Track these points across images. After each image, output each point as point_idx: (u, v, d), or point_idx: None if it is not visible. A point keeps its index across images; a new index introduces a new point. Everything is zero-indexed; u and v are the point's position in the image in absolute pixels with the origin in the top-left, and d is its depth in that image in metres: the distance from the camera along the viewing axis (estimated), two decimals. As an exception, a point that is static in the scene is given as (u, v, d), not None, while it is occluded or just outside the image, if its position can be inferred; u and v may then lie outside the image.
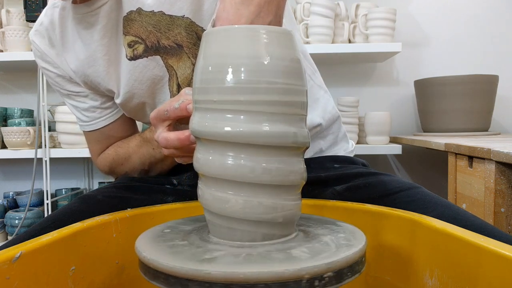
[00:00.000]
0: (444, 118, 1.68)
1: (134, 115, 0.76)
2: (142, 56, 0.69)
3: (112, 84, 0.71)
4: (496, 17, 1.94)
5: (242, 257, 0.33)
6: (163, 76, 0.70)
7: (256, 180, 0.35)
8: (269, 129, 0.34)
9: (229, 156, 0.35)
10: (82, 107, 0.76)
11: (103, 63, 0.70)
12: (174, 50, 0.68)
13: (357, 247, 0.34)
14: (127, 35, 0.68)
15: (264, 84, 0.34)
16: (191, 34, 0.67)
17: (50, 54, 0.73)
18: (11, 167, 2.07)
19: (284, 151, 0.35)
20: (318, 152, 0.79)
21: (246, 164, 0.34)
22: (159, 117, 0.50)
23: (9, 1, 1.95)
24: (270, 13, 0.47)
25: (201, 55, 0.37)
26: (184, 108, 0.47)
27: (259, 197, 0.35)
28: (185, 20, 0.66)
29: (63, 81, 0.75)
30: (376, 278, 0.50)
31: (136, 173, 0.76)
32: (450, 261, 0.39)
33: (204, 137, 0.36)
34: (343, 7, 1.76)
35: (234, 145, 0.35)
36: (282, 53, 0.36)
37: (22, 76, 2.01)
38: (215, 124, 0.35)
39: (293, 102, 0.36)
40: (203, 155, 0.37)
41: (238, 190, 0.35)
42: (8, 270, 0.34)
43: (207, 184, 0.37)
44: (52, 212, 0.63)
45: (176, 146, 0.47)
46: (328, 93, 0.83)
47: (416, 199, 0.59)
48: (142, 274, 0.35)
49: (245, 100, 0.34)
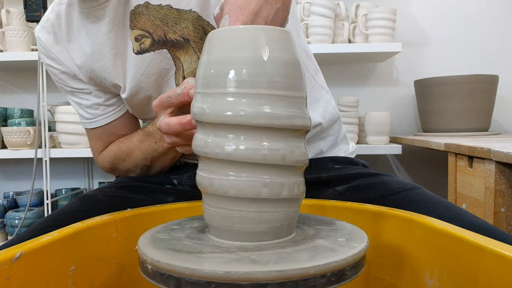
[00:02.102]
0: (444, 118, 1.68)
1: (139, 111, 0.76)
2: (149, 50, 0.69)
3: (118, 79, 0.71)
4: (496, 17, 1.94)
5: (242, 257, 0.33)
6: (169, 70, 0.70)
7: (258, 160, 0.35)
8: (270, 110, 0.34)
9: (229, 138, 0.35)
10: (86, 104, 0.76)
11: (110, 57, 0.70)
12: (181, 44, 0.68)
13: (359, 247, 0.34)
14: (134, 29, 0.69)
15: (265, 82, 0.35)
16: (198, 29, 0.67)
17: (55, 51, 0.73)
18: (11, 167, 2.07)
19: (285, 133, 0.36)
20: (318, 153, 0.79)
21: (247, 146, 0.35)
22: (162, 105, 0.50)
23: (9, 1, 1.95)
24: (279, 1, 0.47)
25: (204, 57, 0.38)
26: (187, 93, 0.47)
27: (263, 176, 0.35)
28: (192, 14, 0.66)
29: (67, 78, 0.75)
30: (376, 278, 0.50)
31: (138, 168, 0.76)
32: (450, 261, 0.39)
33: (205, 121, 0.36)
34: (343, 7, 1.76)
35: (234, 127, 0.35)
36: (281, 54, 0.36)
37: (22, 76, 2.02)
38: (216, 107, 0.35)
39: (294, 95, 0.36)
40: (203, 137, 0.37)
41: (239, 170, 0.35)
42: (8, 270, 0.34)
43: (207, 165, 0.37)
44: (52, 212, 0.63)
45: (177, 130, 0.48)
46: (330, 93, 0.83)
47: (417, 200, 0.59)
48: (142, 274, 0.35)
49: (246, 93, 0.35)
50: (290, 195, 0.36)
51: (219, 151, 0.35)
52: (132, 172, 0.77)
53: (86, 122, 0.78)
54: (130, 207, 0.55)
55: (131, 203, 0.62)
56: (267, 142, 0.35)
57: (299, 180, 0.37)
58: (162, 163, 0.75)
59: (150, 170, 0.77)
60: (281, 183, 0.36)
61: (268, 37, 0.36)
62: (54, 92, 1.85)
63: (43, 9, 1.62)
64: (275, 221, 0.36)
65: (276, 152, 0.35)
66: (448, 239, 0.39)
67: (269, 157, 0.35)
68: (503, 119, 1.94)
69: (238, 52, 0.36)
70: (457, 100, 1.64)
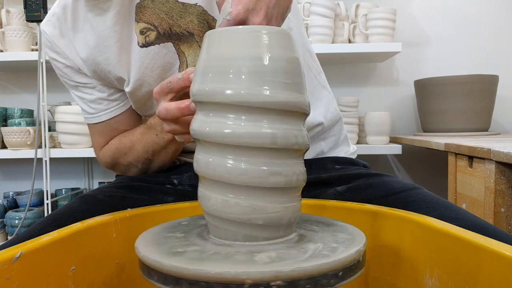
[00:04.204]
0: (444, 118, 1.68)
1: (141, 106, 0.76)
2: (154, 43, 0.69)
3: (123, 72, 0.71)
4: (496, 17, 1.94)
5: (242, 257, 0.33)
6: (173, 63, 0.70)
7: (258, 144, 0.35)
8: (269, 93, 0.35)
9: (229, 118, 0.35)
10: (89, 98, 0.76)
11: (114, 50, 0.70)
12: (185, 38, 0.69)
13: (356, 247, 0.34)
14: (140, 22, 0.69)
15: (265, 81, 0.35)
16: (203, 23, 0.68)
17: (60, 44, 0.73)
18: (11, 167, 2.07)
19: (285, 116, 0.36)
20: (319, 154, 0.79)
21: (246, 125, 0.35)
22: (162, 90, 0.50)
23: (9, 1, 1.95)
24: None
25: (203, 55, 0.38)
26: (187, 78, 0.47)
27: (260, 160, 0.35)
28: (198, 8, 0.67)
29: (71, 72, 0.75)
30: (376, 278, 0.50)
31: (140, 163, 0.75)
32: (450, 261, 0.39)
33: (205, 101, 0.36)
34: (343, 7, 1.76)
35: (234, 107, 0.35)
36: (281, 54, 0.36)
37: (22, 76, 2.02)
38: (216, 87, 0.35)
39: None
40: (202, 118, 0.37)
41: (237, 155, 0.35)
42: (8, 270, 0.34)
43: (206, 151, 0.37)
44: (52, 212, 0.63)
45: (175, 115, 0.47)
46: (332, 94, 0.84)
47: (417, 200, 0.59)
48: (142, 273, 0.35)
49: (246, 93, 0.35)
50: (288, 182, 0.36)
51: (218, 132, 0.35)
52: (133, 167, 0.77)
53: (89, 117, 0.78)
54: (130, 207, 0.55)
55: (131, 203, 0.62)
56: (266, 124, 0.35)
57: (299, 164, 0.37)
58: (163, 157, 0.75)
59: (151, 165, 0.76)
60: (279, 164, 0.35)
61: (268, 37, 0.36)
62: (54, 92, 1.86)
63: (43, 9, 1.62)
64: (273, 210, 0.36)
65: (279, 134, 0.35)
66: (448, 239, 0.39)
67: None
68: (503, 119, 1.94)
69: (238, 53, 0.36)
70: (457, 100, 1.64)
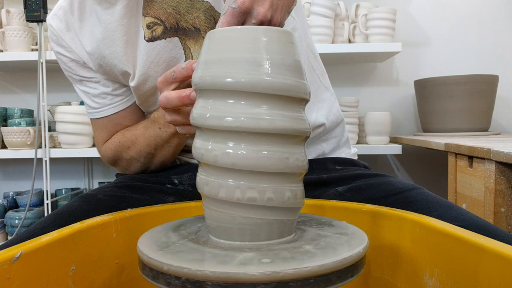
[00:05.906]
0: (444, 118, 1.68)
1: (145, 101, 0.76)
2: (160, 38, 0.69)
3: (128, 66, 0.71)
4: (496, 17, 1.94)
5: (242, 257, 0.33)
6: (179, 59, 0.70)
7: (258, 129, 0.35)
8: (270, 79, 0.35)
9: (229, 103, 0.35)
10: (93, 93, 0.76)
11: (121, 43, 0.70)
12: (191, 33, 0.69)
13: (358, 248, 0.34)
14: (147, 16, 0.69)
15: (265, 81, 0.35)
16: (209, 19, 0.68)
17: (66, 38, 0.73)
18: (11, 167, 2.07)
19: (285, 102, 0.36)
20: (320, 155, 0.79)
21: (246, 111, 0.35)
22: (166, 80, 0.50)
23: (9, 1, 1.95)
24: None
25: (202, 56, 0.38)
26: (190, 67, 0.48)
27: (265, 146, 0.35)
28: (205, 4, 0.67)
29: (76, 66, 0.75)
30: (376, 278, 0.50)
31: (142, 157, 0.75)
32: (450, 261, 0.39)
33: (206, 88, 0.36)
34: (343, 7, 1.76)
35: (235, 93, 0.35)
36: (282, 55, 0.36)
37: (22, 76, 2.02)
38: (216, 75, 0.35)
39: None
40: (203, 104, 0.37)
41: (238, 140, 0.35)
42: (8, 270, 0.34)
43: (205, 138, 0.37)
44: (53, 211, 0.62)
45: (176, 104, 0.48)
46: (334, 95, 0.84)
47: (418, 200, 0.59)
48: (142, 273, 0.35)
49: (246, 80, 0.35)
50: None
51: (218, 121, 0.35)
52: (136, 161, 0.76)
53: (92, 112, 0.78)
54: (130, 207, 0.54)
55: (131, 203, 0.62)
56: (265, 110, 0.35)
57: (299, 150, 0.37)
58: (165, 151, 0.74)
59: (154, 160, 0.76)
60: (279, 149, 0.35)
61: (269, 39, 0.36)
62: (54, 92, 1.86)
63: (43, 9, 1.62)
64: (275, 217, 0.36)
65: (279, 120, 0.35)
66: (448, 239, 0.39)
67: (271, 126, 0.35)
68: (503, 119, 1.94)
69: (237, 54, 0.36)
70: (457, 100, 1.64)
